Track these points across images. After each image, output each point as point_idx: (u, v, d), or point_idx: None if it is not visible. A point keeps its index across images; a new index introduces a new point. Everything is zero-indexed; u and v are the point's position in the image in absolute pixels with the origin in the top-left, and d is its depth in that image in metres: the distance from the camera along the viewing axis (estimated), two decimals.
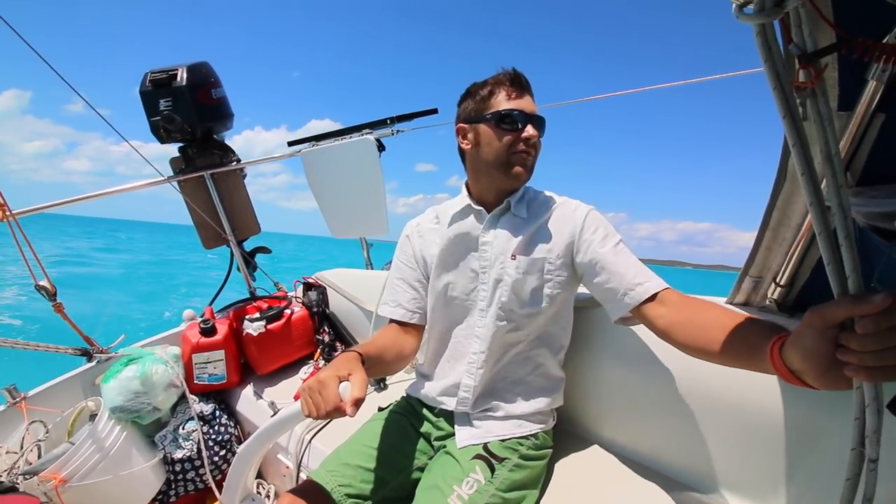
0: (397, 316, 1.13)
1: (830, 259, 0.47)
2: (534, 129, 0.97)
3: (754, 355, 0.66)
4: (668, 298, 0.88)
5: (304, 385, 0.81)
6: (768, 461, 0.93)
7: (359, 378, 0.79)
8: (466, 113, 1.03)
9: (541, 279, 1.01)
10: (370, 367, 0.91)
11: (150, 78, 1.83)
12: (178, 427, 1.59)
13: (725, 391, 0.98)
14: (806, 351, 0.53)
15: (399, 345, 1.08)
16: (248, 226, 2.21)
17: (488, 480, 0.92)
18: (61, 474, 1.29)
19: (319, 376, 0.80)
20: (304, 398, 0.80)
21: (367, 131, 1.82)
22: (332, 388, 0.77)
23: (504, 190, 1.04)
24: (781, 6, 0.43)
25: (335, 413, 0.76)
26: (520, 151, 0.98)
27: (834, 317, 0.49)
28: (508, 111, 0.96)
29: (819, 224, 0.47)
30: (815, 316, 0.50)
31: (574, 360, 1.17)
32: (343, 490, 0.95)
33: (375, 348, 1.00)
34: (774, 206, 0.87)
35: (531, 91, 1.01)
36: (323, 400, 0.76)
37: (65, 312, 1.53)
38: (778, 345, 0.60)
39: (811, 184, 0.47)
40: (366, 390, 0.79)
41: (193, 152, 1.99)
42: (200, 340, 1.68)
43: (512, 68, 0.99)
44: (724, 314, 0.77)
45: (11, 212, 1.38)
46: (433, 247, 1.11)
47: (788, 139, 0.47)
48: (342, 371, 0.81)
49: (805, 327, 0.52)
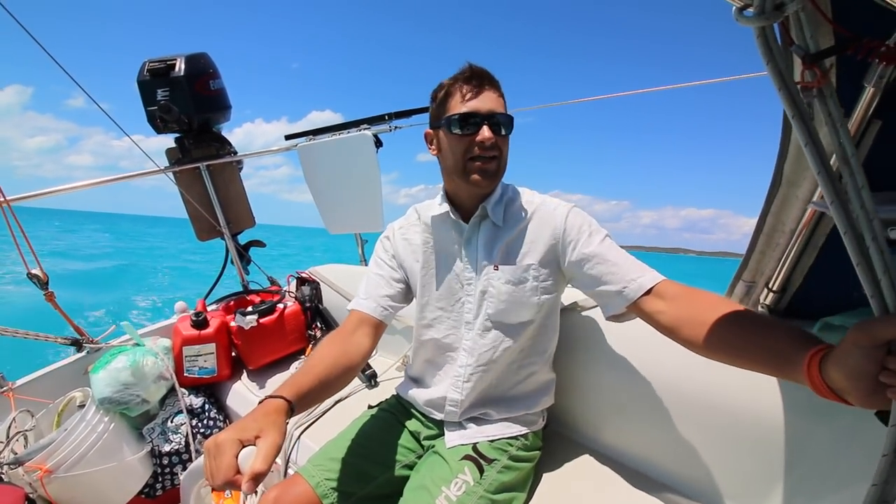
0: (368, 309, 1.04)
1: (860, 260, 0.45)
2: (489, 132, 0.89)
3: (783, 366, 0.61)
4: (667, 291, 0.83)
5: (205, 444, 0.69)
6: (758, 466, 0.93)
7: (267, 443, 0.66)
8: (432, 118, 0.99)
9: (527, 287, 0.98)
10: (306, 403, 0.83)
11: (149, 67, 1.82)
12: (167, 420, 1.57)
13: (716, 396, 0.98)
14: (852, 371, 0.49)
15: (347, 357, 0.95)
16: (242, 219, 2.20)
17: (477, 482, 0.91)
18: (47, 465, 1.27)
19: (218, 437, 0.67)
20: (204, 461, 0.69)
21: (365, 127, 1.82)
22: (228, 455, 0.65)
23: (475, 195, 0.99)
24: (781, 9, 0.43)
25: (228, 486, 0.64)
26: (476, 156, 0.91)
27: (883, 336, 0.46)
28: (462, 115, 0.89)
29: (843, 224, 0.45)
30: (862, 335, 0.47)
31: (564, 361, 1.17)
32: (329, 484, 0.95)
33: (312, 379, 0.86)
34: (768, 211, 0.87)
35: (493, 84, 0.92)
36: (216, 469, 0.65)
37: (56, 302, 1.52)
38: (817, 360, 0.54)
39: (830, 183, 0.45)
40: (272, 459, 0.66)
41: (190, 143, 1.97)
42: (191, 333, 1.66)
43: (469, 64, 0.92)
44: (736, 313, 0.70)
45: (6, 198, 1.37)
46: (416, 254, 1.07)
47: (800, 139, 0.45)
48: (248, 432, 0.68)
49: (850, 346, 0.49)
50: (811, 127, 0.45)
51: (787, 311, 0.95)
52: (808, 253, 0.87)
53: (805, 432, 0.86)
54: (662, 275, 0.87)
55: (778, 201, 0.85)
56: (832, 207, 0.45)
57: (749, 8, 0.45)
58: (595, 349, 1.19)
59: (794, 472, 0.88)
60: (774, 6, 0.43)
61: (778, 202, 0.85)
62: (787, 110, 0.46)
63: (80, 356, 1.62)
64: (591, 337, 1.19)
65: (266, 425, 0.70)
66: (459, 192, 1.01)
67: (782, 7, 0.43)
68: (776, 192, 0.84)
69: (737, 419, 0.95)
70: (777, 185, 0.83)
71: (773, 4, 0.43)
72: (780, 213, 0.86)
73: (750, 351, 0.66)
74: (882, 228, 0.44)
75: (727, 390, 0.97)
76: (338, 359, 0.94)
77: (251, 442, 0.68)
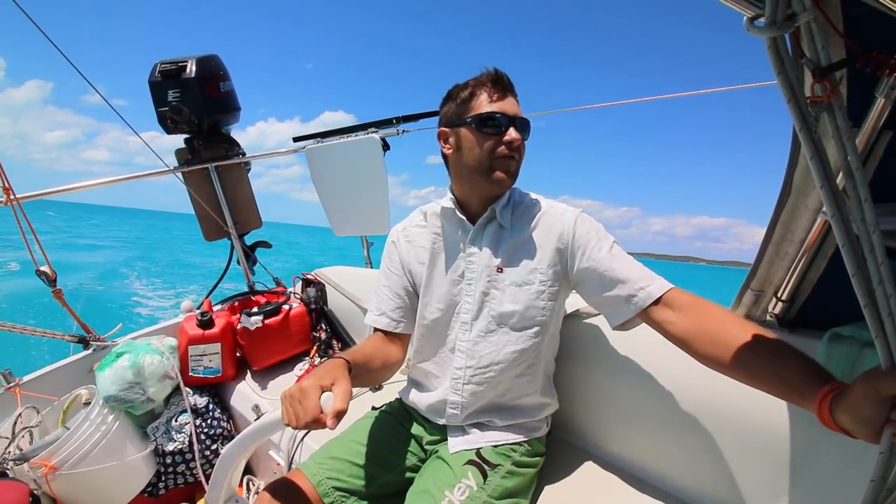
0: (381, 325, 1.08)
1: (856, 271, 0.47)
2: (516, 133, 0.93)
3: (792, 397, 0.65)
4: (676, 300, 0.84)
5: (285, 392, 0.77)
6: (764, 476, 0.92)
7: (342, 388, 0.75)
8: (448, 116, 0.99)
9: (530, 291, 0.97)
10: (357, 374, 0.89)
11: (160, 69, 1.84)
12: (171, 419, 1.58)
13: (720, 404, 0.97)
14: (862, 420, 0.54)
15: (385, 353, 1.04)
16: (249, 220, 2.21)
17: (480, 487, 0.91)
18: (52, 461, 1.28)
19: (301, 384, 0.76)
20: (284, 406, 0.77)
21: (373, 130, 1.83)
22: (313, 398, 0.74)
23: (488, 196, 1.00)
24: (793, 20, 0.43)
25: (314, 425, 0.72)
26: (502, 156, 0.93)
27: (891, 392, 0.50)
28: (490, 113, 0.92)
29: (842, 237, 0.46)
30: (873, 390, 0.52)
31: (568, 368, 1.16)
32: (331, 483, 0.95)
33: (363, 356, 0.97)
34: (778, 220, 0.86)
35: (514, 92, 0.97)
36: (302, 410, 0.73)
37: (63, 299, 1.53)
38: (827, 402, 0.58)
39: (832, 196, 0.46)
40: (348, 401, 0.74)
41: (199, 144, 1.99)
42: (197, 333, 1.67)
43: (494, 68, 0.95)
44: (748, 334, 0.73)
45: (15, 196, 1.39)
46: (420, 255, 1.08)
47: (806, 152, 0.46)
48: (325, 380, 0.77)
49: (862, 399, 0.53)
50: (817, 140, 0.45)
51: (796, 320, 0.95)
52: (818, 262, 0.86)
53: (813, 443, 0.85)
54: (671, 283, 0.88)
55: (787, 210, 0.84)
56: (833, 220, 0.47)
57: (760, 18, 0.45)
58: (599, 356, 1.18)
59: (801, 483, 0.87)
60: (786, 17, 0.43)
61: (787, 211, 0.84)
62: (794, 123, 0.46)
63: (86, 353, 1.63)
64: (596, 344, 1.19)
65: (338, 375, 0.79)
66: (470, 193, 1.02)
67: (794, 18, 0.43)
68: (786, 201, 0.83)
69: (742, 428, 0.94)
70: (787, 195, 0.83)
71: (785, 15, 0.43)
72: (789, 222, 0.86)
73: (762, 377, 0.70)
74: (881, 241, 0.46)
75: (732, 399, 0.96)
76: (379, 350, 1.04)
77: (328, 388, 0.76)
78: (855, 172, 0.45)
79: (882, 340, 0.49)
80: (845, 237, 0.46)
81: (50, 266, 1.47)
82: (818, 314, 0.91)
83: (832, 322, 0.79)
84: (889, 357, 0.49)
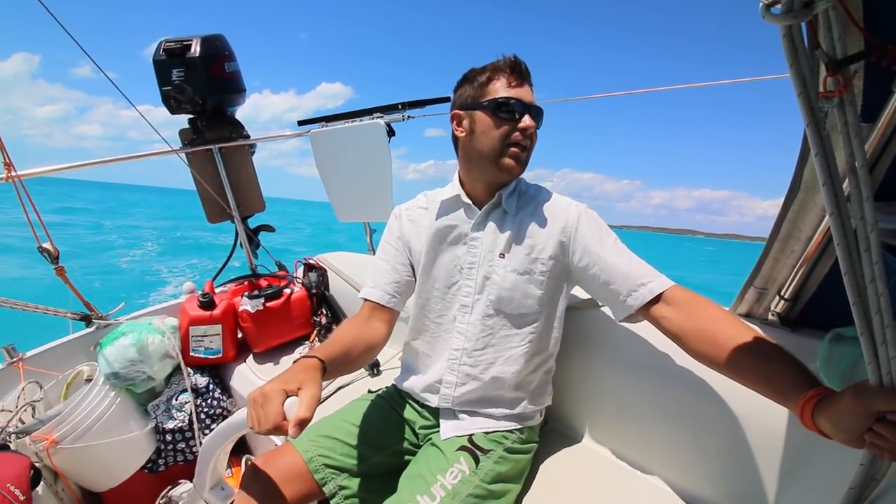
0: (375, 297, 1.07)
1: (848, 269, 0.48)
2: (531, 120, 0.93)
3: (777, 398, 0.68)
4: (675, 298, 0.86)
5: (251, 395, 0.75)
6: (759, 471, 0.92)
7: (308, 394, 0.72)
8: (463, 99, 0.99)
9: (530, 279, 0.98)
10: (334, 369, 0.88)
11: (164, 47, 1.82)
12: (172, 398, 1.60)
13: (716, 399, 0.97)
14: (844, 428, 0.57)
15: (367, 336, 1.02)
16: (253, 203, 2.21)
17: (472, 471, 0.92)
18: (53, 435, 1.30)
19: (265, 388, 0.74)
20: (248, 409, 0.75)
21: (378, 115, 1.81)
22: (276, 403, 0.71)
23: (495, 183, 1.00)
24: (811, 7, 0.42)
25: (275, 432, 0.70)
26: (515, 142, 0.94)
27: (879, 408, 0.53)
28: (507, 99, 0.92)
29: (839, 233, 0.47)
30: (862, 405, 0.54)
31: (567, 360, 1.16)
32: (322, 460, 0.96)
33: (340, 347, 0.94)
34: (785, 216, 0.85)
35: (531, 81, 0.97)
36: (264, 416, 0.71)
37: (66, 276, 1.54)
38: (810, 408, 0.61)
39: (833, 194, 0.46)
40: (314, 409, 0.72)
41: (203, 125, 1.98)
42: (198, 314, 1.68)
43: (513, 55, 0.95)
44: (739, 334, 0.75)
45: (17, 172, 1.38)
46: (421, 235, 1.08)
47: (812, 147, 0.45)
48: (291, 384, 0.75)
49: (849, 411, 0.55)
50: (825, 136, 0.45)
51: (799, 319, 0.93)
52: (824, 261, 0.84)
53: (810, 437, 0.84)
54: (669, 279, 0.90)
55: (795, 207, 0.82)
56: (831, 219, 0.47)
57: (777, 5, 0.43)
58: (596, 349, 1.18)
59: (795, 478, 0.87)
60: (803, 4, 0.41)
61: (795, 208, 0.82)
62: (803, 117, 0.45)
63: (89, 331, 1.64)
64: (592, 337, 1.18)
65: (306, 379, 0.76)
66: (478, 179, 1.02)
67: (811, 5, 0.41)
68: (794, 196, 0.81)
69: (737, 423, 0.94)
70: (795, 190, 0.81)
71: (803, 2, 0.41)
72: (797, 219, 0.84)
73: (749, 376, 0.73)
74: (878, 240, 0.46)
75: (728, 394, 0.96)
76: (359, 335, 1.01)
77: (294, 393, 0.74)
78: (859, 170, 0.44)
79: (868, 338, 0.50)
80: (842, 235, 0.47)
81: (52, 243, 1.47)
82: (821, 314, 0.89)
83: (835, 322, 0.78)
84: (873, 354, 0.50)
